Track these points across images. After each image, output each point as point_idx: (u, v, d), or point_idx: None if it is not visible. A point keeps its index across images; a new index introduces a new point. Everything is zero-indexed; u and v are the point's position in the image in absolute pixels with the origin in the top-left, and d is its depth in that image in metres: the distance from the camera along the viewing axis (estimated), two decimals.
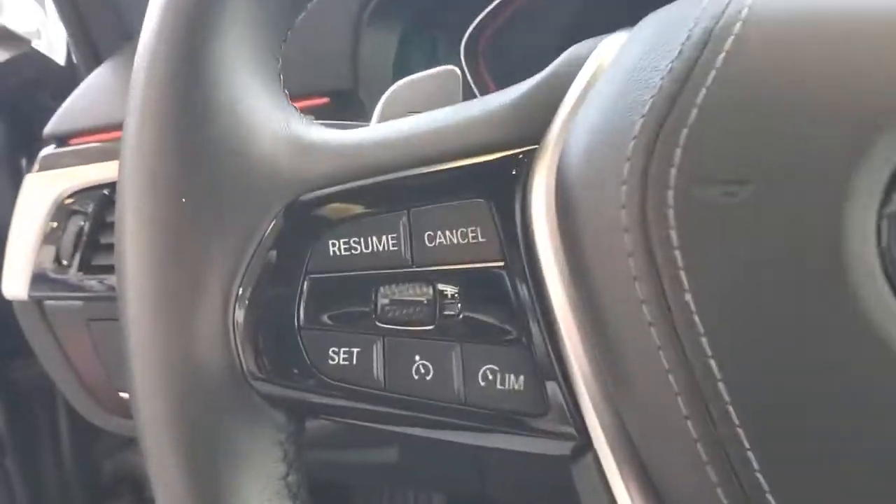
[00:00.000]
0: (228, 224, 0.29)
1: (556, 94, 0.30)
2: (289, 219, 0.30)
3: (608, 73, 0.28)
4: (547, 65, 0.32)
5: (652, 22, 0.28)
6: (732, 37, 0.25)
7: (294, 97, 0.33)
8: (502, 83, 0.74)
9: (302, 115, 0.32)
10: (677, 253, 0.24)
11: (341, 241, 0.30)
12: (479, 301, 0.29)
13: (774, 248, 0.23)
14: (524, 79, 0.32)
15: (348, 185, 0.30)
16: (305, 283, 0.30)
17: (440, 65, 0.72)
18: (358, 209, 0.30)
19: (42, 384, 0.99)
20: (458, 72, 0.38)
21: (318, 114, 0.73)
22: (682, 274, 0.23)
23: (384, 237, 0.30)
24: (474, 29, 0.70)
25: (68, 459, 1.07)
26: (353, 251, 0.30)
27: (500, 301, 0.29)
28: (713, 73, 0.24)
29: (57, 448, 1.06)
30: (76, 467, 1.07)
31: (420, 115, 0.32)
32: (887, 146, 0.22)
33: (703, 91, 0.24)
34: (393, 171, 0.30)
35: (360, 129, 0.32)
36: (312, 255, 0.30)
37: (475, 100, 0.32)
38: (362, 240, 0.30)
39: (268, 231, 0.30)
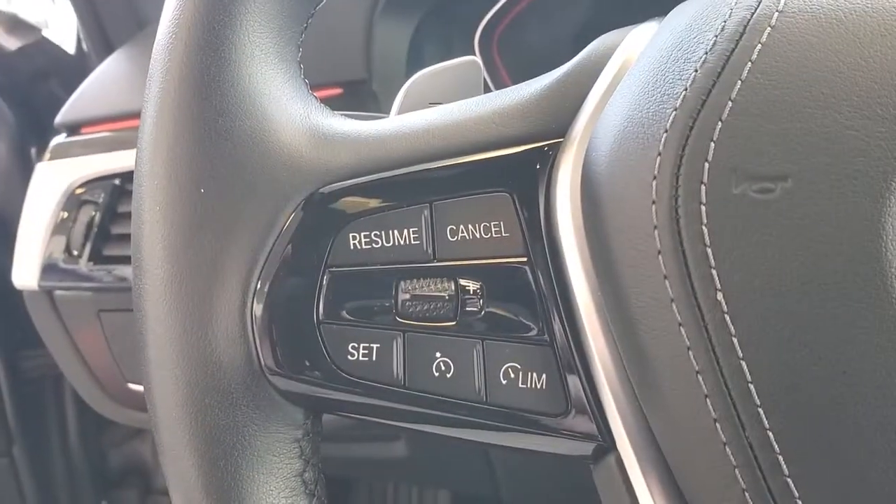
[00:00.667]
0: (247, 216, 0.29)
1: (582, 85, 0.29)
2: (309, 211, 0.29)
3: (638, 64, 0.27)
4: (563, 56, 0.31)
5: (684, 11, 0.28)
6: (769, 29, 0.24)
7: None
8: (518, 75, 0.73)
9: (322, 105, 0.32)
10: (709, 251, 0.23)
11: (362, 234, 0.29)
12: (502, 297, 0.29)
13: (811, 248, 0.22)
14: (540, 70, 0.31)
15: (369, 178, 0.30)
16: (325, 276, 0.29)
17: (454, 56, 0.72)
18: (379, 202, 0.30)
19: (51, 374, 0.99)
20: (480, 62, 0.37)
21: (332, 104, 0.72)
22: (714, 273, 0.23)
23: (406, 231, 0.29)
24: (489, 20, 0.70)
25: (76, 449, 1.07)
26: (373, 245, 0.29)
27: (523, 298, 0.28)
28: (749, 65, 0.24)
29: (65, 438, 1.06)
30: (84, 457, 1.08)
31: (442, 106, 0.31)
32: None
33: (739, 84, 0.23)
34: (415, 164, 0.29)
35: (382, 121, 0.31)
36: (332, 248, 0.30)
37: (499, 91, 0.31)
38: (383, 233, 0.29)
39: (287, 223, 0.29)
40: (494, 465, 0.76)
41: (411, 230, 0.29)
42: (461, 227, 0.29)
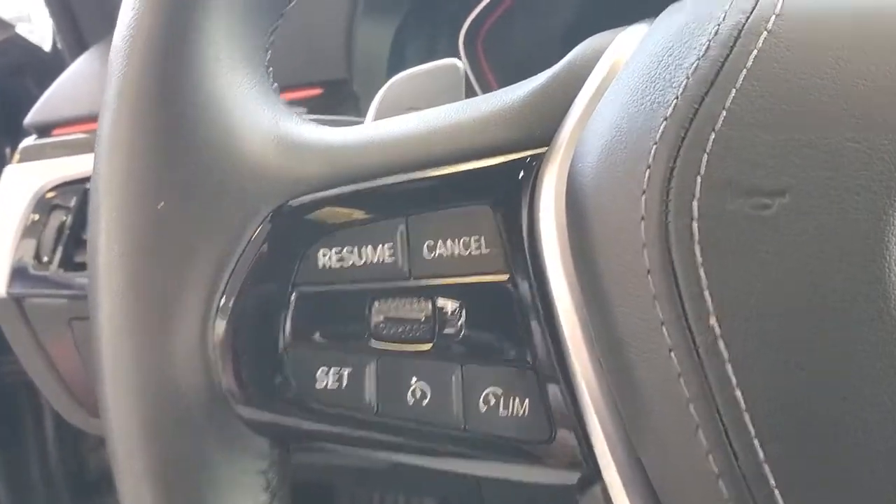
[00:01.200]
0: (209, 231, 0.27)
1: (568, 91, 0.28)
2: (276, 225, 0.28)
3: (627, 69, 0.26)
4: (551, 56, 0.30)
5: (676, 13, 0.26)
6: (766, 33, 0.23)
7: (286, 88, 0.31)
8: (503, 75, 0.72)
9: (293, 111, 0.30)
10: (702, 271, 0.21)
11: (333, 250, 0.28)
12: (482, 318, 0.27)
13: (809, 267, 0.21)
14: (527, 70, 0.30)
15: (341, 190, 0.28)
16: (293, 296, 0.28)
17: (438, 56, 0.70)
18: (351, 216, 0.28)
19: (27, 380, 0.97)
20: (461, 65, 0.35)
21: (311, 105, 0.70)
22: (707, 294, 0.21)
23: (380, 247, 0.27)
24: (474, 19, 0.68)
25: (53, 456, 1.05)
26: (345, 262, 0.28)
27: (505, 318, 0.27)
28: (744, 72, 0.22)
29: (42, 444, 1.04)
30: (61, 464, 1.06)
31: (420, 112, 0.29)
32: None
33: (733, 92, 0.22)
34: (390, 175, 0.28)
35: (356, 128, 0.29)
36: (301, 265, 0.28)
37: (480, 97, 0.29)
38: (356, 249, 0.28)
39: (252, 239, 0.27)
40: (483, 483, 0.74)
41: (386, 246, 0.27)
42: (439, 242, 0.27)
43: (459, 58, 0.69)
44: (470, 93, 0.69)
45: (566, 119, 0.27)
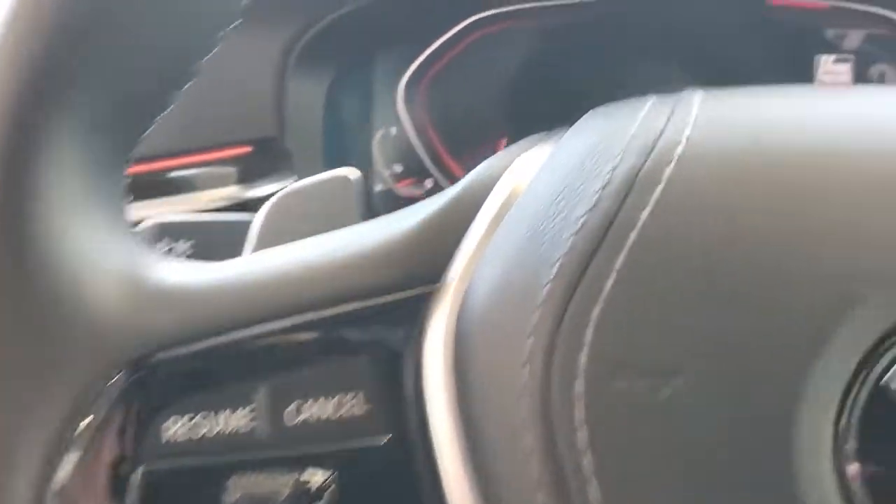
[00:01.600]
0: (44, 402, 0.24)
1: (462, 221, 0.25)
2: (120, 392, 0.25)
3: (519, 207, 0.24)
4: (494, 110, 0.27)
5: (574, 143, 0.24)
6: (662, 184, 0.20)
7: (215, 146, 0.28)
8: (445, 129, 0.69)
9: (152, 250, 0.27)
10: (587, 458, 0.19)
11: (185, 417, 0.25)
12: (357, 488, 0.24)
13: (708, 458, 0.19)
14: (469, 125, 0.27)
15: (196, 346, 0.25)
16: (137, 473, 0.25)
17: (375, 111, 0.66)
18: (206, 377, 0.25)
19: None
20: (353, 176, 0.33)
21: (241, 163, 0.67)
22: (592, 487, 0.19)
23: (238, 411, 0.24)
24: (414, 72, 0.66)
25: None
26: (197, 432, 0.25)
27: (385, 487, 0.24)
28: (636, 230, 0.20)
29: None
30: None
31: (296, 246, 0.27)
32: (850, 335, 0.18)
33: (623, 254, 0.20)
34: (255, 324, 0.25)
35: (223, 266, 0.26)
36: (147, 437, 0.25)
37: (366, 226, 0.27)
38: (211, 415, 0.25)
39: (91, 408, 0.24)
40: None
41: (245, 410, 0.24)
42: (309, 401, 0.24)
43: (397, 111, 0.67)
44: (409, 156, 0.66)
45: (457, 254, 0.25)
